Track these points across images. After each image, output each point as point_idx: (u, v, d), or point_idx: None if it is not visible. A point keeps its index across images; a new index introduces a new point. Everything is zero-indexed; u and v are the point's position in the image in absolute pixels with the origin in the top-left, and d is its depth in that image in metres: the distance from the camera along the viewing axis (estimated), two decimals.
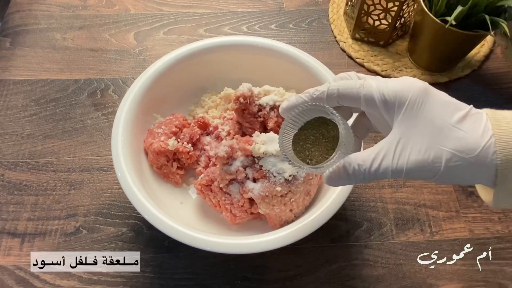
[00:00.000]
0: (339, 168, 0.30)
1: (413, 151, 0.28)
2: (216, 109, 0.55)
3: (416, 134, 0.28)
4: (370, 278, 0.47)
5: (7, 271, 0.46)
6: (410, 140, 0.28)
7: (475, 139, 0.27)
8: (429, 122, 0.28)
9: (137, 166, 0.46)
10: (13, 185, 0.52)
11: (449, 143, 0.28)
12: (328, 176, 0.31)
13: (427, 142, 0.28)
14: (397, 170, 0.28)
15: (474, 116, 0.28)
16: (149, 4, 0.74)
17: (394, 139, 0.29)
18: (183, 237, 0.40)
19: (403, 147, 0.29)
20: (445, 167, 0.28)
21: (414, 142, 0.28)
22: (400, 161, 0.28)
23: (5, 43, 0.67)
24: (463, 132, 0.28)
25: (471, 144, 0.27)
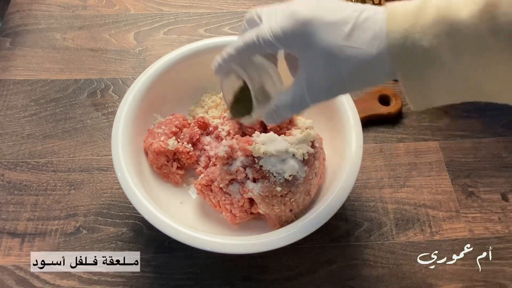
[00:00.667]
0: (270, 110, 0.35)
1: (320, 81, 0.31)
2: (216, 109, 0.55)
3: (315, 64, 0.31)
4: (370, 278, 0.47)
5: (7, 271, 0.46)
6: (313, 71, 0.31)
7: (365, 51, 0.29)
8: (322, 49, 0.30)
9: (137, 166, 0.46)
10: (13, 185, 0.52)
11: (344, 63, 0.29)
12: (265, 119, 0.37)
13: (327, 69, 0.30)
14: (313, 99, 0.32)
15: (362, 26, 0.29)
16: (149, 4, 0.74)
17: (301, 75, 0.32)
18: (183, 237, 0.40)
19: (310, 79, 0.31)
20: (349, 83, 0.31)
21: (316, 72, 0.31)
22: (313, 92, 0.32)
23: (5, 43, 0.67)
24: (353, 49, 0.29)
25: (363, 56, 0.29)
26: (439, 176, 0.55)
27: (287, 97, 0.34)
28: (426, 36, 0.27)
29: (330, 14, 0.30)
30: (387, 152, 0.57)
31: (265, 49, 0.33)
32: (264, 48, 0.33)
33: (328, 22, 0.30)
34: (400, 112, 0.60)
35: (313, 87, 0.32)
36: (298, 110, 0.34)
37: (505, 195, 0.53)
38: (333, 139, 0.49)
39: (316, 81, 0.31)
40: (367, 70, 0.29)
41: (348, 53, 0.29)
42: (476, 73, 0.27)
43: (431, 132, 0.59)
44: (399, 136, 0.58)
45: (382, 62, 0.29)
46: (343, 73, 0.30)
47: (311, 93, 0.32)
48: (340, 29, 0.29)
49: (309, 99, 0.32)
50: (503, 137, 0.58)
